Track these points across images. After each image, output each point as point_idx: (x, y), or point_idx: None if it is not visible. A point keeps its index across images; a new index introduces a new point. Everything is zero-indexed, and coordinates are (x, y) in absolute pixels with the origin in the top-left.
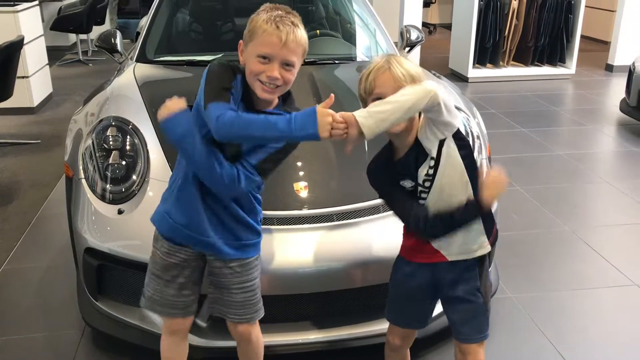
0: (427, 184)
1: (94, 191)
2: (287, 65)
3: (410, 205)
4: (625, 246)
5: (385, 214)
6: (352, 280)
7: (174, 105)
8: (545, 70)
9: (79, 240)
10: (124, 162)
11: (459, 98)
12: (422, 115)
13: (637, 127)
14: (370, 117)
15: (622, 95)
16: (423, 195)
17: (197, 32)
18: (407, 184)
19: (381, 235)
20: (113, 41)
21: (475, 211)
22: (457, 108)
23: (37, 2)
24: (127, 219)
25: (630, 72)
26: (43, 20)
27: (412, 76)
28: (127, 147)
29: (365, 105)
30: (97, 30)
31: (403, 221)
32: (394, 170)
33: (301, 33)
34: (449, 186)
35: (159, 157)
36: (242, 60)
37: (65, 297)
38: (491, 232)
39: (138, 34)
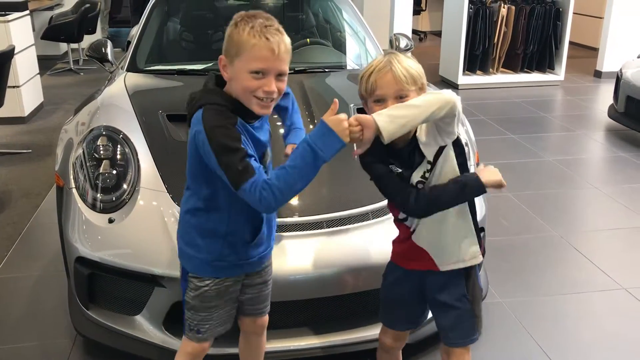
0: (420, 186)
1: (84, 200)
2: (280, 75)
3: (402, 186)
4: (614, 251)
5: (374, 220)
6: (343, 286)
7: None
8: (535, 76)
9: (69, 250)
10: (114, 172)
11: None
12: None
13: (625, 133)
14: (391, 122)
15: (610, 101)
16: None
17: (187, 41)
18: (396, 169)
19: (371, 241)
20: (104, 50)
21: (475, 184)
22: None
23: (27, 12)
24: (117, 228)
25: (618, 78)
26: (34, 30)
27: (413, 76)
28: (118, 157)
29: (365, 104)
30: (88, 40)
31: (392, 200)
32: (387, 155)
33: (288, 39)
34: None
35: (150, 166)
36: (228, 77)
37: (56, 306)
38: (481, 242)
39: (129, 43)
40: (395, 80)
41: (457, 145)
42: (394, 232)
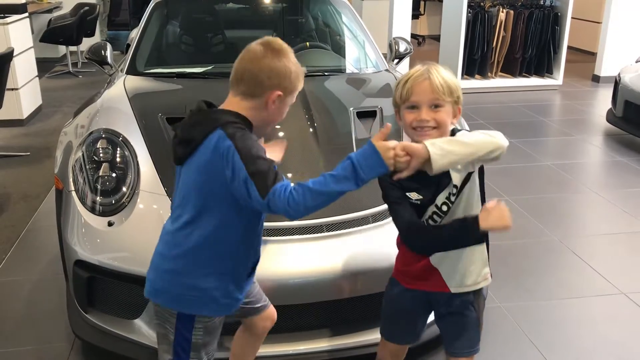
0: (444, 208)
1: (84, 203)
2: None
3: (410, 215)
4: (613, 255)
5: (374, 224)
6: (342, 291)
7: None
8: (533, 81)
9: (68, 253)
10: (114, 174)
11: None
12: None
13: (623, 137)
14: (444, 157)
15: (609, 105)
16: (436, 217)
17: (187, 44)
18: (414, 196)
19: (370, 246)
20: (103, 53)
21: (472, 234)
22: None
23: (26, 14)
24: (117, 231)
25: (616, 83)
26: (33, 32)
27: (450, 87)
28: (118, 159)
29: (398, 112)
30: (87, 42)
31: (397, 227)
32: (410, 180)
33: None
34: (466, 213)
35: (150, 169)
36: (273, 109)
37: (55, 309)
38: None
39: (128, 46)
40: (432, 89)
41: (481, 169)
42: (394, 236)
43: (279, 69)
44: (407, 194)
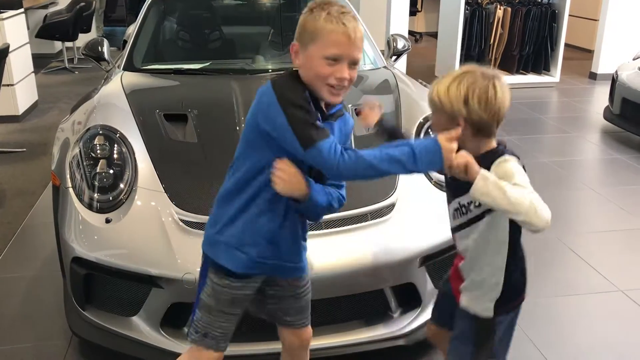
0: (463, 210)
1: (81, 200)
2: (353, 64)
3: None
4: (610, 252)
5: (373, 221)
6: (341, 288)
7: (296, 186)
8: (530, 78)
9: (66, 250)
10: (111, 171)
11: None
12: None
13: (621, 135)
14: (483, 195)
15: (606, 103)
16: (457, 214)
17: (184, 40)
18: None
19: (369, 242)
20: (100, 49)
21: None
22: None
23: (22, 10)
24: (114, 228)
25: (614, 80)
26: (28, 28)
27: (442, 101)
28: (115, 156)
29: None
30: (83, 38)
31: None
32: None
33: (362, 27)
34: (491, 227)
35: (147, 165)
36: (300, 63)
37: (52, 306)
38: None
39: (125, 42)
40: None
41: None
42: (392, 233)
43: (301, 22)
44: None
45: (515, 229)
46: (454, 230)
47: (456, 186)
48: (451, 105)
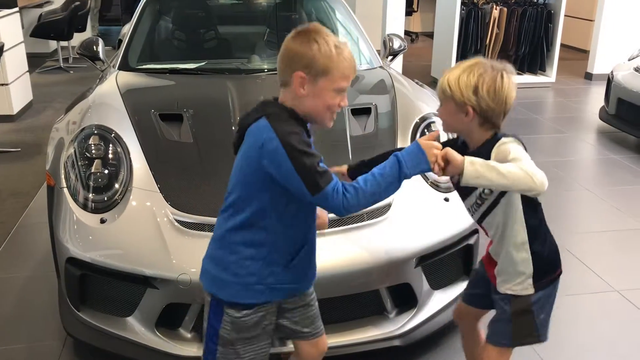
0: (479, 202)
1: (76, 200)
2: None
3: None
4: (606, 253)
5: (369, 221)
6: (337, 288)
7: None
8: (526, 78)
9: (60, 250)
10: (106, 171)
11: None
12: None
13: (616, 135)
14: (475, 178)
15: (601, 103)
16: (475, 207)
17: (179, 40)
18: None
19: (365, 243)
20: (95, 49)
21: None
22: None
23: (17, 9)
24: (109, 228)
25: (609, 80)
26: (23, 27)
27: (451, 88)
28: (110, 156)
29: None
30: (78, 37)
31: None
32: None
33: None
34: (506, 217)
35: (142, 165)
36: (304, 93)
37: (46, 307)
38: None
39: (120, 41)
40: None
41: (532, 201)
42: (388, 234)
43: (309, 52)
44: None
45: (533, 206)
46: (479, 221)
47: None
48: (461, 94)
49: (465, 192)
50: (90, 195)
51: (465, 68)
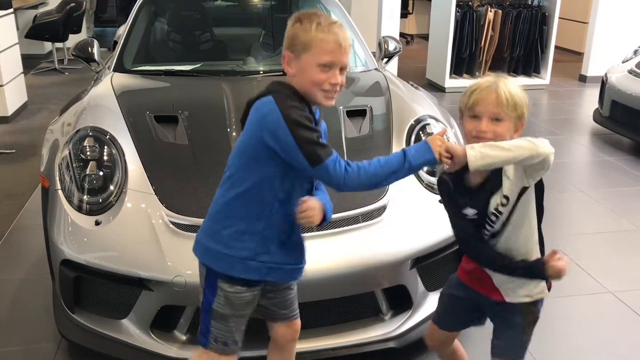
0: (493, 218)
1: (70, 202)
2: (342, 69)
3: (474, 238)
4: (600, 254)
5: (364, 223)
6: (332, 290)
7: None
8: (521, 80)
9: (55, 252)
10: (101, 173)
11: (436, 108)
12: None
13: (610, 137)
14: (480, 159)
15: (596, 105)
16: (487, 227)
17: (175, 41)
18: (470, 212)
19: (361, 245)
20: (90, 50)
21: (538, 274)
22: (435, 118)
23: (11, 10)
24: (104, 230)
25: (603, 83)
26: (18, 28)
27: (515, 102)
28: (105, 158)
29: (461, 117)
30: (73, 39)
31: (461, 247)
32: (461, 193)
33: (349, 35)
34: (518, 228)
35: (137, 167)
36: (292, 72)
37: (41, 309)
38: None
39: (115, 43)
40: (497, 102)
41: (539, 185)
42: (383, 235)
43: (292, 32)
44: (463, 211)
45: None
46: (491, 237)
47: (477, 197)
48: (522, 106)
49: (480, 205)
50: (85, 197)
51: (512, 82)
